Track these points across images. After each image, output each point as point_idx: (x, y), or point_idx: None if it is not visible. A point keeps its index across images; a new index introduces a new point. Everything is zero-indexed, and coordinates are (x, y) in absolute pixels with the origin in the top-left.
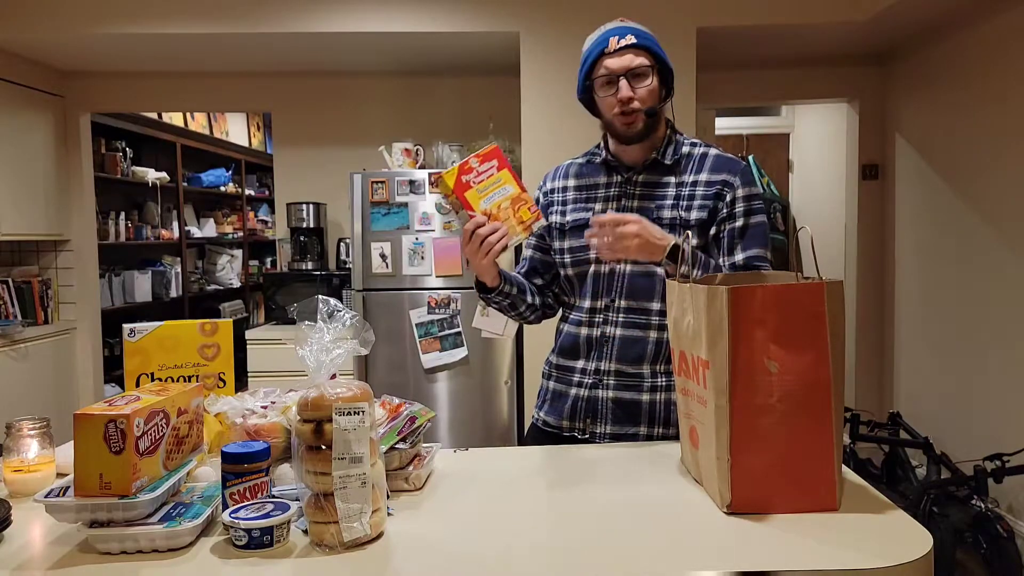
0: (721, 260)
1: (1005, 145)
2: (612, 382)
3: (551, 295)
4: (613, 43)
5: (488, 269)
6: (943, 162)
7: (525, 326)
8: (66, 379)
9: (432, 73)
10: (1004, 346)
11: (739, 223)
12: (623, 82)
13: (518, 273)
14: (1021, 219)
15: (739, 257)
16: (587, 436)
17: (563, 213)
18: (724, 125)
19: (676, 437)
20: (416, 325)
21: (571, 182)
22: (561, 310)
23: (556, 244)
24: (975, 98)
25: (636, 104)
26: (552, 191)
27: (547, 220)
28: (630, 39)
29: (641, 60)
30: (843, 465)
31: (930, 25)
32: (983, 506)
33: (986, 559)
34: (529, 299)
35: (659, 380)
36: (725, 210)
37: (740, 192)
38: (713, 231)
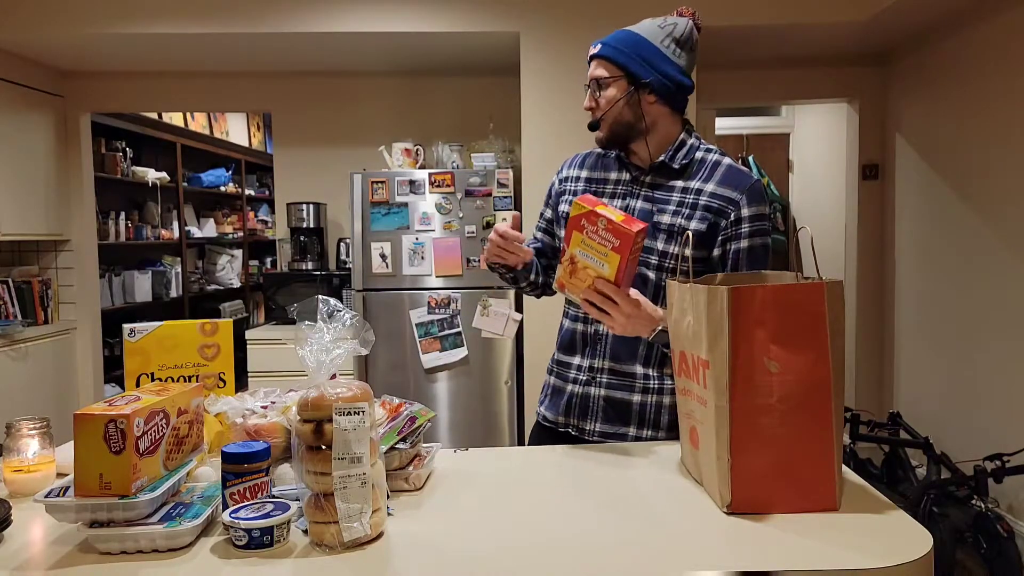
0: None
1: (1005, 145)
2: (605, 380)
3: (532, 288)
4: (590, 51)
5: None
6: (943, 162)
7: (526, 326)
8: (66, 379)
9: (432, 73)
10: (1004, 346)
11: (744, 244)
12: (588, 91)
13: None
14: (1021, 219)
15: None
16: (577, 433)
17: (571, 204)
18: (724, 125)
19: (665, 440)
20: (416, 325)
21: (584, 173)
22: (564, 306)
23: (561, 233)
24: (975, 98)
25: (598, 113)
26: (567, 179)
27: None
28: (597, 48)
29: (599, 71)
30: (843, 465)
31: (930, 25)
32: (983, 506)
33: (986, 559)
34: (532, 277)
35: (651, 382)
36: (729, 230)
37: (745, 212)
38: (718, 252)
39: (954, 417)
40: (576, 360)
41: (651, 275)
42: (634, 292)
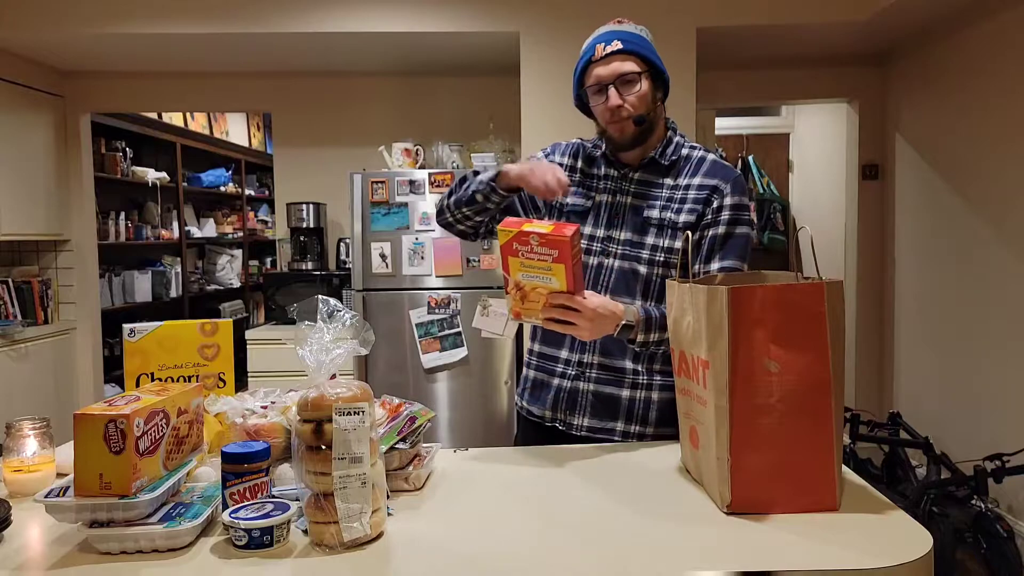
0: (697, 266)
1: (1005, 145)
2: (594, 375)
3: (473, 229)
4: (599, 50)
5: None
6: (943, 162)
7: (525, 326)
8: (66, 379)
9: (432, 73)
10: (1004, 346)
11: (722, 230)
12: (612, 90)
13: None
14: (1021, 219)
15: (715, 266)
16: (564, 428)
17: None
18: (724, 125)
19: (654, 436)
20: (416, 325)
21: (579, 164)
22: None
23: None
24: (975, 98)
25: (627, 111)
26: (561, 166)
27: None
28: (616, 45)
29: (629, 66)
30: (843, 465)
31: (930, 25)
32: (983, 506)
33: (986, 559)
34: (484, 218)
35: (640, 377)
36: (710, 216)
37: (728, 200)
38: (696, 236)
39: (954, 417)
40: (563, 353)
41: (642, 269)
42: (589, 293)
